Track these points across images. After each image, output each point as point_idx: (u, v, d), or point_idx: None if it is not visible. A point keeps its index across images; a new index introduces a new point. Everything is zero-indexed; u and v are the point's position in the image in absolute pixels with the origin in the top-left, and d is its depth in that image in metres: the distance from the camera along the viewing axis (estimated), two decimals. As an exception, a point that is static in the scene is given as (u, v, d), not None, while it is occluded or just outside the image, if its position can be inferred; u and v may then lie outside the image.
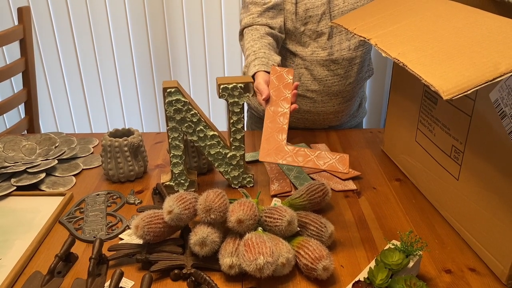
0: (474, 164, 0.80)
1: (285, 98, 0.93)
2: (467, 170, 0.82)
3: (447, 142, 0.88)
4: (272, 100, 0.94)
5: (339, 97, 1.29)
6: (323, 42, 1.21)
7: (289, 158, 0.85)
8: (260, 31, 1.16)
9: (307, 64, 1.24)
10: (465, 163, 0.83)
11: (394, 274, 0.70)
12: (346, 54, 1.23)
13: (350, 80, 1.27)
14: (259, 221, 0.81)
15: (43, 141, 1.20)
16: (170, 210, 0.77)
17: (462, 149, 0.83)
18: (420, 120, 0.99)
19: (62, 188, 1.03)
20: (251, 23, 1.19)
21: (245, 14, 1.21)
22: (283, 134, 0.88)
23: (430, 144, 0.95)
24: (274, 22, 1.19)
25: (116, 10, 2.13)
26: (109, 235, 0.87)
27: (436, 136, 0.92)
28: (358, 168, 1.11)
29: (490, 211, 0.77)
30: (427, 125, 0.95)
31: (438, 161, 0.92)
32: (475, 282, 0.75)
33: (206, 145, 0.98)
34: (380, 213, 0.94)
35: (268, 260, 0.69)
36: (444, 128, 0.89)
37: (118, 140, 1.02)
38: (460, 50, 0.68)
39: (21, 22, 1.69)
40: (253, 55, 1.09)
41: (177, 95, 0.92)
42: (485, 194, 0.78)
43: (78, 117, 2.39)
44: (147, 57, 2.24)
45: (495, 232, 0.76)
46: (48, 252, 0.83)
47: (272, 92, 0.95)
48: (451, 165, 0.87)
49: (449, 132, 0.87)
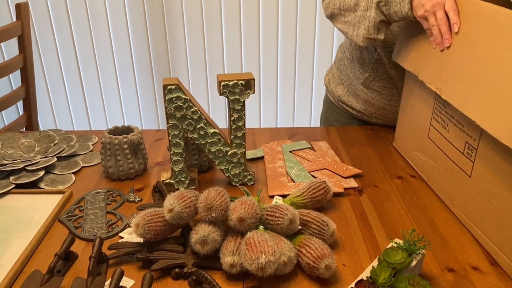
0: (487, 161, 0.79)
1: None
2: (480, 167, 0.82)
3: (461, 138, 0.87)
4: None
5: None
6: None
7: (293, 189, 0.99)
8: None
9: (385, 61, 1.19)
10: (478, 160, 0.82)
11: (397, 273, 0.69)
12: None
13: None
14: (260, 219, 0.80)
15: (42, 139, 1.19)
16: (170, 209, 0.77)
17: (475, 146, 0.83)
18: (433, 117, 0.98)
19: (61, 186, 1.03)
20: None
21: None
22: (283, 177, 1.04)
23: (443, 141, 0.94)
24: None
25: (115, 6, 2.12)
26: (109, 233, 0.86)
27: (449, 132, 0.91)
28: (359, 166, 1.10)
29: (502, 208, 0.76)
30: (440, 121, 0.95)
31: (451, 158, 0.92)
32: (478, 280, 0.75)
33: (207, 143, 0.97)
34: (382, 211, 0.94)
35: (270, 259, 0.68)
36: (458, 124, 0.88)
37: (118, 138, 1.01)
38: None
39: (19, 19, 1.68)
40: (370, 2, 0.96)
41: (177, 92, 0.91)
42: (497, 192, 0.77)
43: (77, 114, 2.38)
44: (147, 54, 2.23)
45: (506, 230, 0.75)
46: (47, 251, 0.82)
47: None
48: (464, 162, 0.87)
49: (463, 129, 0.87)
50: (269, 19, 2.19)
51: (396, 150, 1.19)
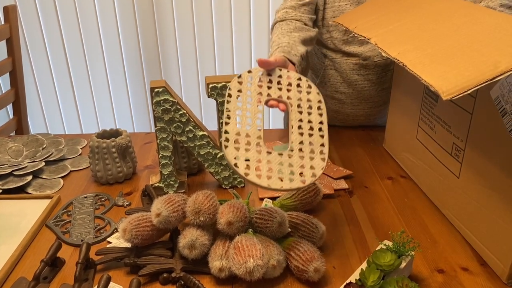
0: (475, 162, 0.79)
1: None
2: (468, 168, 0.82)
3: (448, 139, 0.87)
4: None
5: (370, 101, 1.25)
6: (354, 48, 1.18)
7: (283, 192, 0.93)
8: (290, 25, 1.10)
9: (337, 66, 1.21)
10: (466, 161, 0.82)
11: (386, 275, 0.69)
12: (379, 60, 1.18)
13: (384, 86, 1.22)
14: (249, 222, 0.80)
15: (30, 143, 1.18)
16: (158, 213, 0.76)
17: (463, 146, 0.83)
18: (421, 118, 0.98)
19: (49, 190, 1.01)
20: (283, 18, 1.13)
21: (281, 7, 1.16)
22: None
23: (431, 142, 0.94)
24: (307, 17, 1.13)
25: (105, 8, 2.11)
26: (97, 238, 0.85)
27: (437, 133, 0.91)
28: (349, 167, 1.10)
29: (491, 209, 0.76)
30: (428, 122, 0.95)
31: (439, 159, 0.91)
32: (467, 281, 0.75)
33: (196, 146, 0.96)
34: (372, 212, 0.93)
35: (258, 263, 0.68)
36: (445, 125, 0.88)
37: (106, 141, 1.00)
38: (460, 48, 0.67)
39: (7, 21, 1.66)
40: (276, 46, 1.03)
41: (165, 95, 0.90)
42: (485, 192, 0.77)
43: (68, 118, 2.36)
44: (137, 56, 2.22)
45: (495, 230, 0.75)
46: (34, 257, 0.81)
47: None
48: (452, 163, 0.87)
49: (450, 130, 0.87)
50: (260, 20, 2.19)
51: (386, 151, 1.19)
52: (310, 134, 0.78)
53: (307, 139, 0.77)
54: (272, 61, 0.84)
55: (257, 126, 0.77)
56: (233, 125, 0.76)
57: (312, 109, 0.81)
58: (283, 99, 0.82)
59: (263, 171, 0.71)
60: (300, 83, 0.85)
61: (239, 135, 0.75)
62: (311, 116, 0.80)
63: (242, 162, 0.71)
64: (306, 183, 0.71)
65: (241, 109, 0.79)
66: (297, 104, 0.81)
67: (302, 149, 0.76)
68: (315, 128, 0.79)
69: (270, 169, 0.72)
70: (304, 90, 0.84)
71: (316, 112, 0.81)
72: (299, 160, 0.74)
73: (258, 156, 0.73)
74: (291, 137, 0.77)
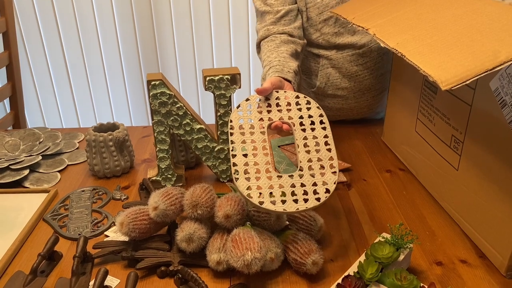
0: (474, 154, 0.79)
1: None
2: (467, 160, 0.81)
3: (447, 132, 0.87)
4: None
5: (372, 90, 1.24)
6: (347, 38, 1.16)
7: None
8: (276, 41, 1.10)
9: (334, 63, 1.20)
10: (464, 153, 0.82)
11: (384, 267, 0.68)
12: (373, 45, 1.17)
13: (382, 71, 1.22)
14: (247, 215, 0.79)
15: (27, 137, 1.17)
16: (155, 206, 0.76)
17: (462, 139, 0.82)
18: (420, 110, 0.97)
19: (47, 184, 1.01)
20: (266, 35, 1.13)
21: (260, 26, 1.16)
22: None
23: (430, 134, 0.94)
24: (290, 28, 1.13)
25: (102, 1, 2.10)
26: (94, 232, 0.85)
27: (436, 126, 0.91)
28: (348, 160, 1.10)
29: (490, 201, 0.76)
30: (427, 115, 0.94)
31: (437, 151, 0.91)
32: (466, 274, 0.75)
33: (193, 139, 0.96)
34: (371, 205, 0.93)
35: (255, 255, 0.68)
36: (444, 117, 0.87)
37: (103, 135, 0.99)
38: (459, 38, 0.66)
39: (3, 15, 1.65)
40: (268, 65, 1.04)
41: (162, 88, 0.90)
42: (484, 184, 0.77)
43: (65, 112, 2.35)
44: (135, 50, 2.20)
45: (494, 223, 0.75)
46: (31, 251, 0.81)
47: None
48: (450, 155, 0.86)
49: (449, 122, 0.86)
50: (258, 13, 2.17)
51: (385, 144, 1.19)
52: (317, 150, 0.79)
53: (315, 156, 0.78)
54: (269, 87, 0.87)
55: (263, 153, 0.78)
56: (240, 157, 0.77)
57: (314, 124, 0.82)
58: (285, 120, 0.83)
59: (277, 197, 0.72)
60: (298, 100, 0.86)
61: (247, 165, 0.76)
62: (315, 132, 0.81)
63: (255, 192, 0.72)
64: (321, 201, 0.72)
65: (245, 138, 0.80)
66: (299, 122, 0.83)
67: (311, 167, 0.77)
68: (321, 143, 0.80)
69: (283, 193, 0.72)
70: (304, 107, 0.85)
71: (320, 127, 0.82)
72: (311, 178, 0.75)
73: (269, 183, 0.74)
74: (299, 157, 0.78)
